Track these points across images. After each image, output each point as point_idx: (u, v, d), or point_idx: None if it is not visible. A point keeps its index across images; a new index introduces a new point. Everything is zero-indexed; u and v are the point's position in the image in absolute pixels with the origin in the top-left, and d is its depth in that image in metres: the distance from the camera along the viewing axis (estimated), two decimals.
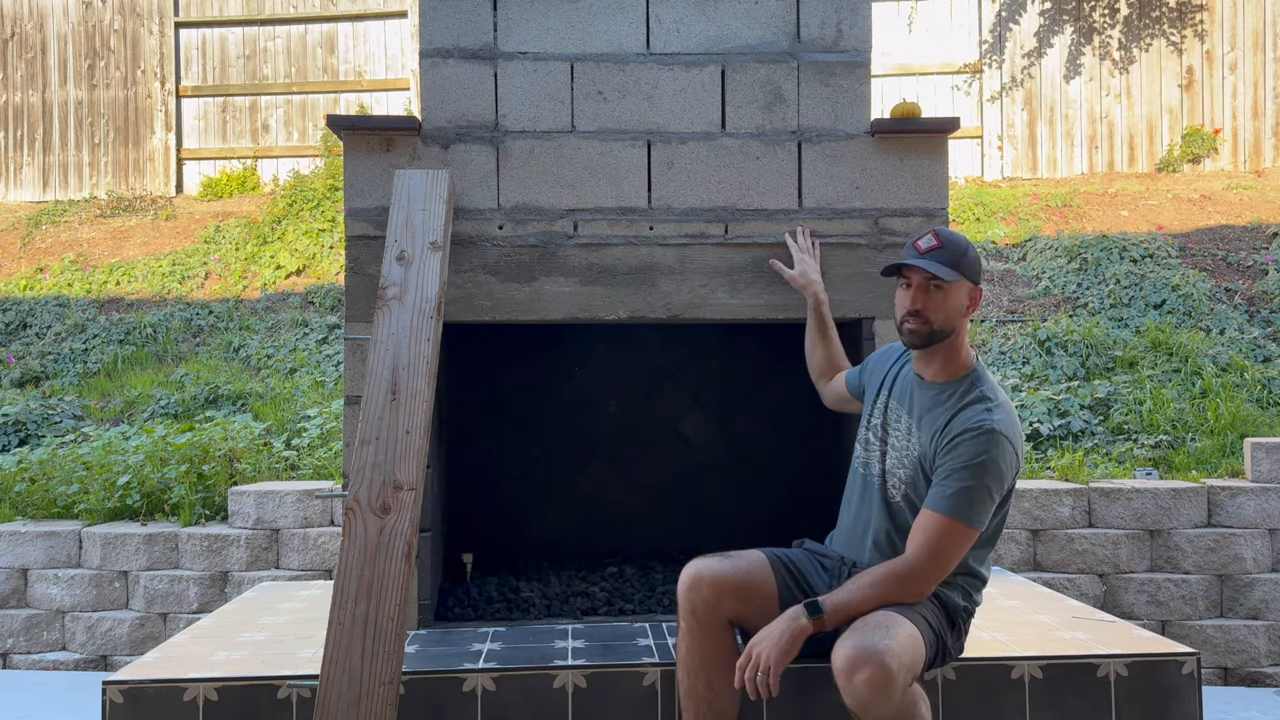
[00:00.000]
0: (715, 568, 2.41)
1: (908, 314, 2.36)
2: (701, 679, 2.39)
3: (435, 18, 3.15)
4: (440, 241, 2.82)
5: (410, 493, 2.49)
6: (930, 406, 2.41)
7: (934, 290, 2.34)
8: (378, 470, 2.53)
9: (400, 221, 2.88)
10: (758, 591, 2.43)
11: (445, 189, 2.94)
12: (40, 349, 6.95)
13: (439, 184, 2.96)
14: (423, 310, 2.72)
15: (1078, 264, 6.79)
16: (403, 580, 2.39)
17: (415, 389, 2.61)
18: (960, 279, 2.35)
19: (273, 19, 9.21)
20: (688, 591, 2.40)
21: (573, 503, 3.87)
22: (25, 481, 5.03)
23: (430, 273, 2.78)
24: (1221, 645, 4.19)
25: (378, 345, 2.67)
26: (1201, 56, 8.49)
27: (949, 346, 2.40)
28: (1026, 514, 4.33)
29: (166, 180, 9.17)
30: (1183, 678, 2.65)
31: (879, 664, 2.06)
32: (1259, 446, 4.41)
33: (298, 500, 4.49)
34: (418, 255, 2.81)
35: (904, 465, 2.42)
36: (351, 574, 2.43)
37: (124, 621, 4.47)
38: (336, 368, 6.33)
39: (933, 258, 2.33)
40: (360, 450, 2.55)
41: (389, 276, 2.78)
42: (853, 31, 3.21)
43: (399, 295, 2.74)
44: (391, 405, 2.59)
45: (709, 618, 2.38)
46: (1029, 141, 8.59)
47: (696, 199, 3.16)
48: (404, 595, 2.39)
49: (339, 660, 2.34)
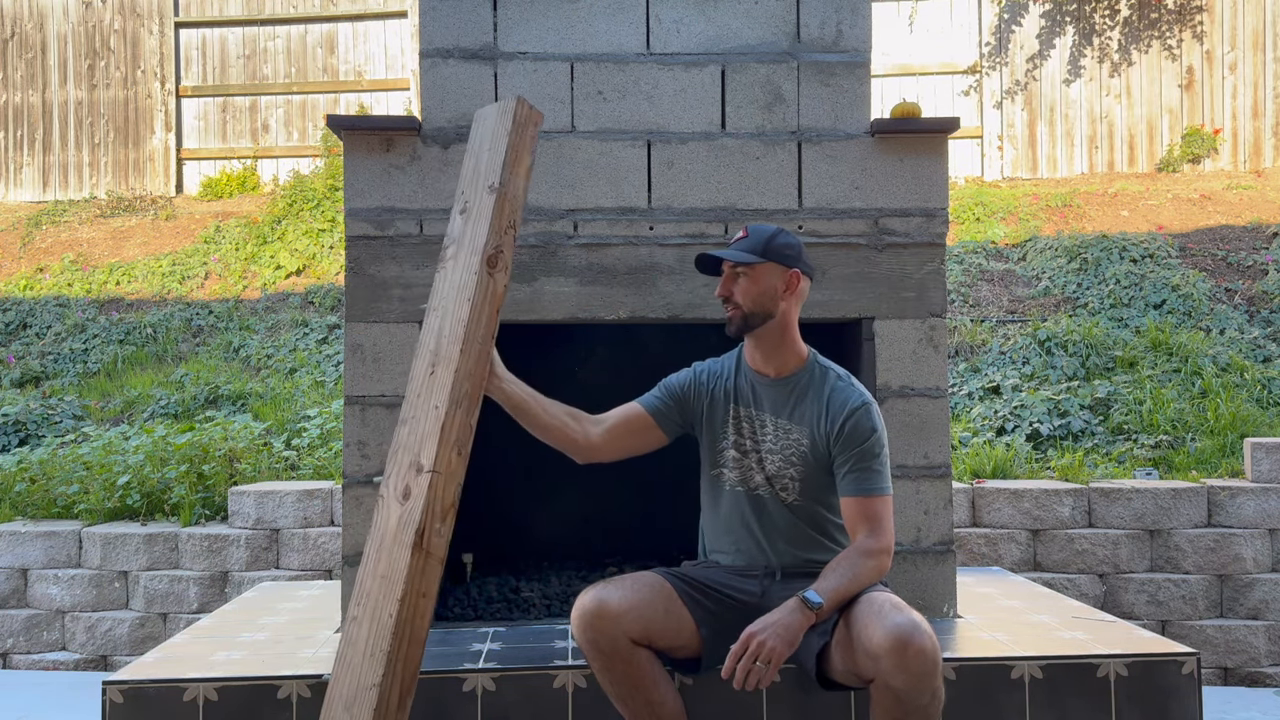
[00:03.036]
0: (601, 596, 2.32)
1: (721, 302, 2.47)
2: (639, 700, 2.36)
3: (435, 18, 3.15)
4: (499, 183, 2.35)
5: (428, 475, 2.18)
6: (791, 401, 2.47)
7: (740, 276, 2.43)
8: (406, 452, 2.27)
9: (469, 169, 2.49)
10: (658, 607, 2.38)
11: (510, 119, 2.40)
12: (40, 349, 6.95)
13: (505, 114, 2.42)
14: (468, 265, 2.33)
15: (1078, 264, 6.79)
16: (409, 574, 2.13)
17: (449, 357, 2.27)
18: (764, 261, 2.42)
19: (273, 19, 9.21)
20: (583, 629, 2.31)
21: (573, 503, 3.87)
22: (25, 481, 5.03)
23: (482, 220, 2.34)
24: (1221, 645, 4.19)
25: (429, 314, 2.39)
26: (1201, 57, 8.49)
27: (779, 336, 2.47)
28: (1026, 514, 4.33)
29: (166, 180, 9.17)
30: (1183, 678, 2.65)
31: (928, 637, 2.10)
32: (1259, 446, 4.41)
33: (298, 500, 4.49)
34: (476, 204, 2.40)
35: (791, 464, 2.46)
36: (368, 566, 2.24)
37: (124, 621, 4.47)
38: (336, 368, 6.33)
39: (736, 246, 2.45)
40: (397, 432, 2.34)
41: (450, 234, 2.46)
42: (853, 31, 3.21)
43: (455, 254, 2.39)
44: (429, 380, 2.30)
45: (613, 647, 2.31)
46: (1029, 141, 8.59)
47: (696, 199, 3.16)
48: (413, 592, 2.14)
49: (346, 657, 2.20)
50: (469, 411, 2.24)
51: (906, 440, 3.12)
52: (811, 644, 2.36)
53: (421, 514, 2.15)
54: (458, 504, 2.23)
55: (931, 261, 3.17)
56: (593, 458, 2.57)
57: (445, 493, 2.19)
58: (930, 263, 3.16)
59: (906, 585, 3.07)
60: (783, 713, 2.60)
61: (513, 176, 2.36)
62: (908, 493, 3.12)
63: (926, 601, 3.08)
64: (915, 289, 3.16)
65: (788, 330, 2.49)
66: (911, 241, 3.16)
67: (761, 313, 2.44)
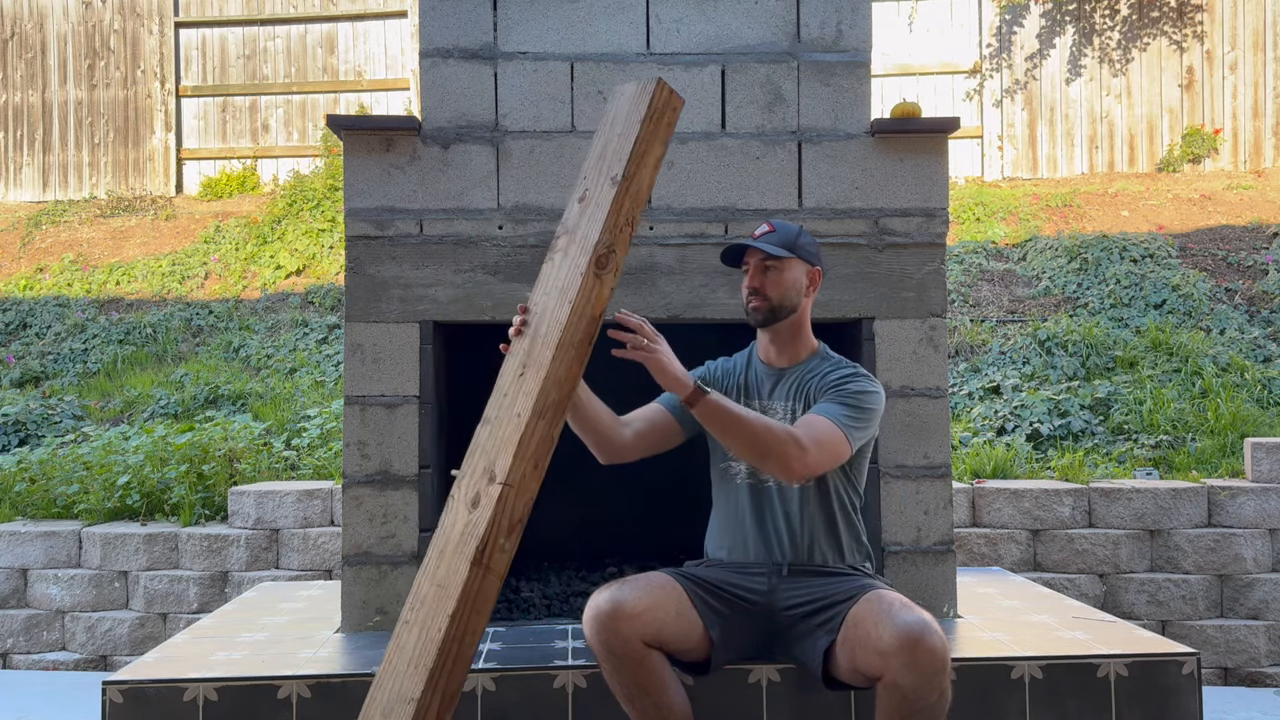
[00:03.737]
0: (617, 598, 2.31)
1: (749, 293, 2.52)
2: (648, 702, 2.35)
3: (435, 18, 3.15)
4: (621, 175, 2.15)
5: (499, 487, 2.04)
6: (798, 384, 2.53)
7: (770, 269, 2.49)
8: (483, 456, 2.12)
9: (595, 153, 2.28)
10: (670, 610, 2.37)
11: (645, 103, 2.19)
12: (40, 349, 6.95)
13: (642, 97, 2.21)
14: (575, 263, 2.15)
15: (1078, 264, 6.79)
16: (465, 588, 2.00)
17: (540, 361, 2.11)
18: (793, 257, 2.50)
19: (273, 19, 9.20)
20: (597, 631, 2.30)
21: (573, 503, 3.86)
22: (25, 481, 5.03)
23: (598, 213, 2.15)
24: (1221, 645, 4.19)
25: (532, 310, 2.23)
26: (1201, 56, 8.49)
27: (795, 328, 2.56)
28: (1026, 514, 4.33)
29: (166, 180, 9.16)
30: (1183, 678, 2.65)
31: (938, 636, 2.12)
32: (1259, 446, 4.41)
33: (298, 500, 4.49)
34: (595, 194, 2.21)
35: None
36: (427, 569, 2.11)
37: (124, 621, 4.47)
38: (336, 368, 6.33)
39: (765, 240, 2.50)
40: (478, 430, 2.19)
41: (564, 222, 2.27)
42: (853, 31, 3.21)
43: (565, 247, 2.21)
44: (517, 382, 2.14)
45: (625, 649, 2.29)
46: (1029, 141, 8.59)
47: (696, 199, 3.16)
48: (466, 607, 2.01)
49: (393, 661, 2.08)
50: (552, 423, 2.09)
51: (906, 440, 3.12)
52: (818, 643, 2.36)
53: (486, 527, 2.03)
54: (527, 519, 2.10)
55: (931, 261, 3.17)
56: (620, 458, 2.57)
57: (514, 508, 2.06)
58: (930, 263, 3.16)
59: (906, 585, 3.07)
60: (783, 713, 2.60)
61: (639, 169, 2.16)
62: (908, 493, 3.12)
63: (926, 601, 3.07)
64: (915, 289, 3.16)
65: (804, 325, 2.58)
66: (911, 241, 3.16)
67: (787, 306, 2.52)
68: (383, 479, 3.10)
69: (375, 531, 3.09)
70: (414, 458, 3.11)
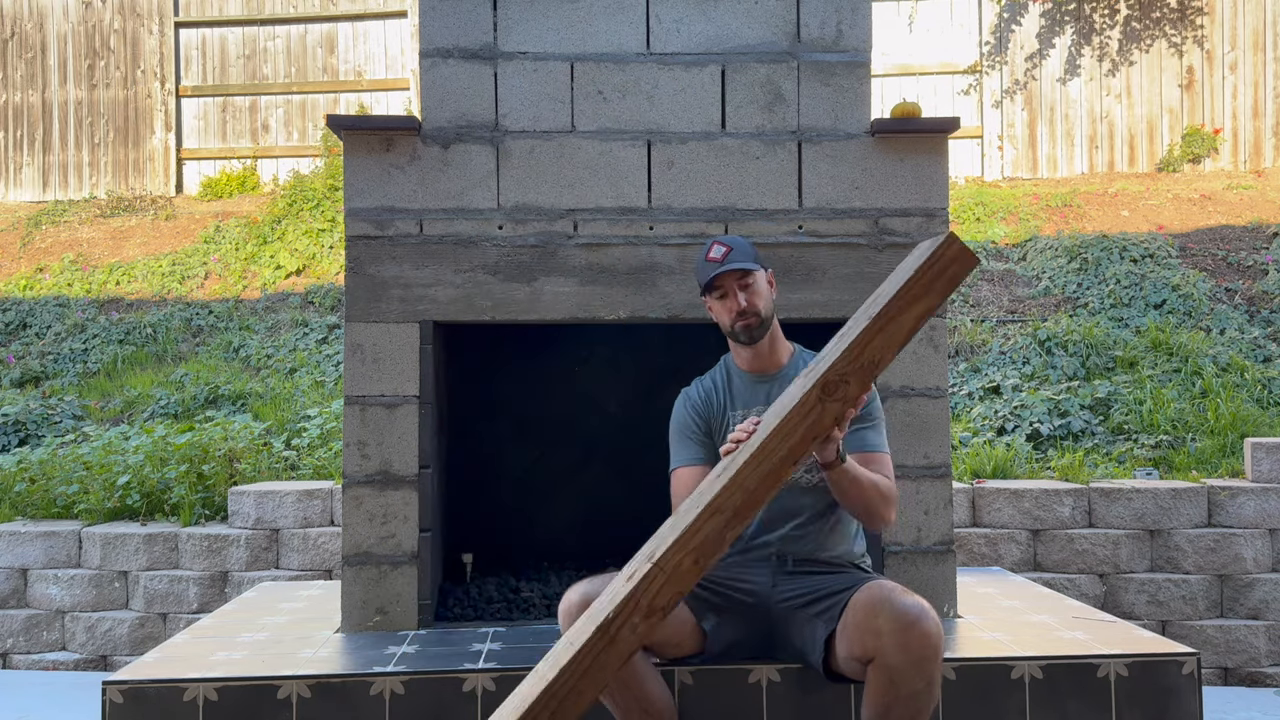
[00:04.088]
0: (587, 592, 2.33)
1: (738, 315, 2.52)
2: (628, 696, 2.36)
3: (435, 18, 3.15)
4: (879, 312, 2.13)
5: (649, 567, 2.02)
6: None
7: (748, 286, 2.53)
8: (656, 540, 2.12)
9: (873, 295, 2.28)
10: None
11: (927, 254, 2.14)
12: (40, 349, 6.95)
13: (930, 248, 2.18)
14: (805, 384, 2.14)
15: (1078, 264, 6.79)
16: (584, 647, 1.98)
17: (736, 463, 2.09)
18: (759, 268, 2.56)
19: (273, 19, 9.20)
20: (569, 623, 2.31)
21: (573, 503, 3.86)
22: (25, 481, 5.03)
23: (843, 344, 2.14)
24: (1221, 645, 4.19)
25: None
26: (1202, 56, 8.49)
27: (775, 333, 2.62)
28: (1027, 514, 4.33)
29: (166, 180, 9.16)
30: (1183, 678, 2.65)
31: (933, 622, 2.15)
32: (1259, 446, 4.41)
33: (298, 500, 4.49)
34: (856, 322, 2.20)
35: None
36: (589, 608, 2.10)
37: (124, 621, 4.47)
38: (336, 368, 6.33)
39: (732, 261, 2.51)
40: (691, 497, 2.19)
41: (831, 341, 2.24)
42: (853, 31, 3.21)
43: (810, 371, 2.21)
44: (724, 469, 2.15)
45: None
46: (1029, 141, 8.59)
47: (696, 199, 3.16)
48: (576, 669, 1.98)
49: (520, 686, 2.05)
50: (727, 525, 2.06)
51: (906, 440, 3.12)
52: (817, 633, 2.36)
53: (624, 600, 2.01)
54: (670, 611, 2.06)
55: None
56: None
57: (658, 594, 2.03)
58: None
59: (906, 585, 3.06)
60: (783, 712, 2.60)
61: (900, 314, 2.10)
62: (908, 493, 3.12)
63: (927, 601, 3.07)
64: None
65: (778, 326, 2.63)
66: (912, 241, 3.16)
67: (770, 314, 2.57)
68: (383, 479, 3.10)
69: (375, 531, 3.09)
70: (414, 458, 3.11)
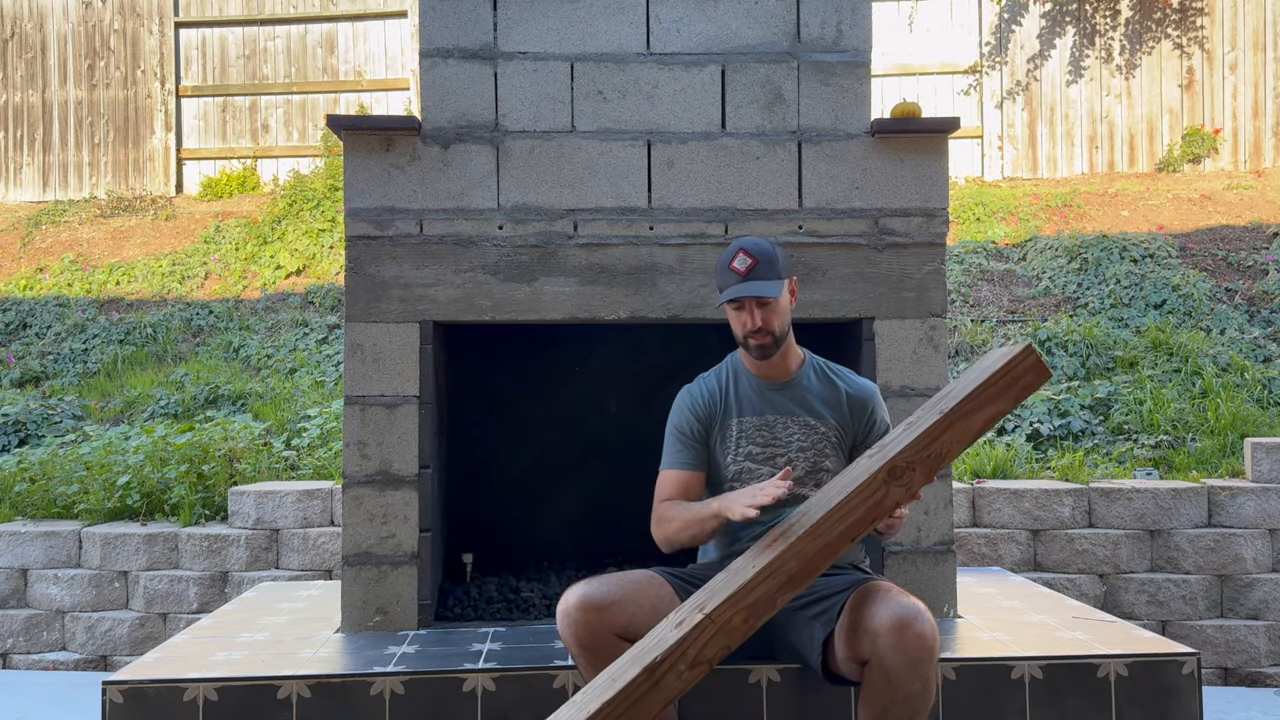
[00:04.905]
0: (584, 592, 2.34)
1: (751, 333, 2.49)
2: None
3: (435, 18, 3.15)
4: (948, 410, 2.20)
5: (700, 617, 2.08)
6: (811, 396, 2.57)
7: (768, 304, 2.48)
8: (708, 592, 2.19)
9: (942, 392, 2.37)
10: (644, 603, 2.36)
11: (1002, 362, 2.24)
12: (40, 349, 6.95)
13: (1005, 356, 2.27)
14: (871, 465, 2.21)
15: (1078, 264, 6.79)
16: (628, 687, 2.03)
17: (797, 529, 2.17)
18: (782, 280, 2.49)
19: (273, 19, 9.20)
20: (567, 624, 2.32)
21: (573, 503, 3.86)
22: (25, 481, 5.02)
23: (912, 433, 2.22)
24: (1222, 645, 4.19)
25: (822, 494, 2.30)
26: (1202, 56, 8.49)
27: (790, 342, 2.59)
28: (1027, 514, 4.33)
29: (166, 180, 9.16)
30: (1183, 678, 2.65)
31: (929, 624, 2.14)
32: (1259, 446, 4.41)
33: (298, 500, 4.49)
34: (921, 420, 2.27)
35: (826, 455, 2.56)
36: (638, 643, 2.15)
37: (124, 621, 4.47)
38: (336, 368, 6.33)
39: (755, 277, 2.44)
40: (752, 548, 2.28)
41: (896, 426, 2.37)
42: (853, 31, 3.21)
43: (875, 452, 2.28)
44: (771, 545, 2.20)
45: (595, 641, 2.31)
46: (1029, 141, 8.58)
47: (696, 199, 3.16)
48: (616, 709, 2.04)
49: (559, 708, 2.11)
50: (780, 589, 2.13)
51: None
52: (815, 634, 2.36)
53: (672, 646, 2.06)
54: (714, 665, 2.12)
55: (932, 261, 3.17)
56: None
57: (706, 646, 2.08)
58: (930, 263, 3.17)
59: (906, 585, 3.06)
60: (783, 712, 2.60)
61: (971, 414, 2.18)
62: None
63: (927, 601, 3.06)
64: (915, 289, 3.16)
65: (791, 334, 2.60)
66: (912, 241, 3.16)
67: (786, 331, 2.56)
68: (383, 479, 3.10)
69: (375, 531, 3.09)
70: (414, 458, 3.11)
